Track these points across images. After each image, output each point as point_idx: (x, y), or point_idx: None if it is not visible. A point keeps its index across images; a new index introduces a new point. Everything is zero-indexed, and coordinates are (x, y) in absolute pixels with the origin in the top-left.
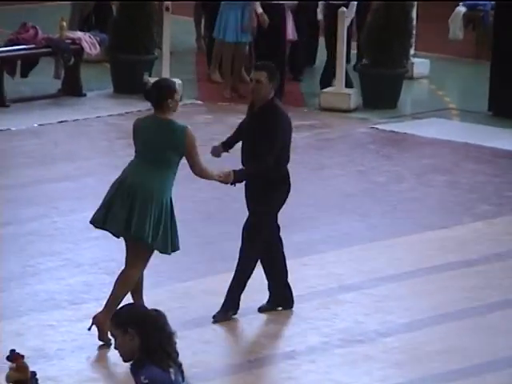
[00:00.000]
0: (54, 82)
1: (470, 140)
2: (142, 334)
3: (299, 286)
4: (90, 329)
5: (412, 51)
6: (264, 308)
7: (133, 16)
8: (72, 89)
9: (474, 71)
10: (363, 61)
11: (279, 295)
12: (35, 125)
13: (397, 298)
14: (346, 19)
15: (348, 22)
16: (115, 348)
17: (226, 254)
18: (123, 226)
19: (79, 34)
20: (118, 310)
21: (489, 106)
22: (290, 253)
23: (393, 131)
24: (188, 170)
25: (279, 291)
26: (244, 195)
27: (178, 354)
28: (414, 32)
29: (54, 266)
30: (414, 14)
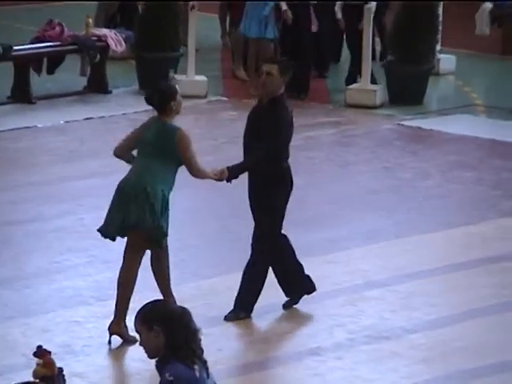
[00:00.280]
0: (80, 79)
1: (496, 136)
2: (167, 331)
3: (325, 283)
4: (110, 342)
5: (438, 47)
6: (288, 304)
7: (158, 13)
8: (98, 86)
9: (500, 67)
10: (389, 57)
11: (301, 287)
12: (61, 122)
13: (423, 294)
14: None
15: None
16: (140, 344)
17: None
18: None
19: (105, 31)
20: (143, 306)
21: None
22: (316, 250)
23: (419, 127)
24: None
25: (301, 284)
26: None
27: (202, 350)
28: (440, 28)
29: (81, 263)
30: (441, 10)
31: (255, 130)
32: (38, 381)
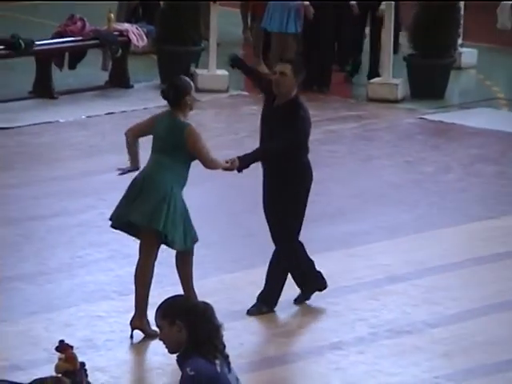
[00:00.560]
0: (102, 74)
1: None
2: (190, 325)
3: (347, 277)
4: (132, 337)
5: (460, 41)
6: (299, 300)
7: (179, 8)
8: (119, 80)
9: None
10: (410, 51)
11: (313, 283)
12: (83, 117)
13: (444, 288)
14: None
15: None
16: (160, 339)
17: (273, 246)
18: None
19: (126, 26)
20: (164, 301)
21: None
22: (338, 244)
23: (440, 121)
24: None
25: (313, 281)
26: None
27: (224, 346)
28: (461, 22)
29: (103, 258)
30: (462, 4)
31: (270, 135)
32: (60, 375)
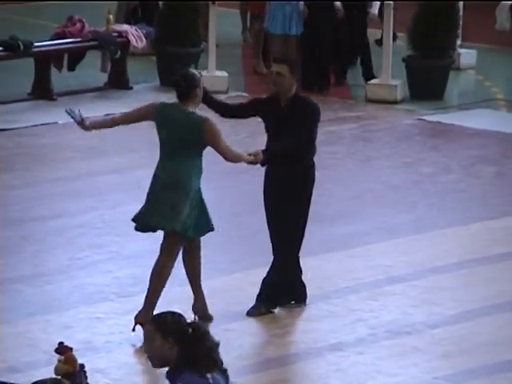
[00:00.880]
0: (101, 76)
1: None
2: (182, 344)
3: (346, 278)
4: (134, 329)
5: (459, 42)
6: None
7: (178, 9)
8: (118, 82)
9: None
10: (409, 52)
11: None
12: None
13: (444, 289)
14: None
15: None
16: (146, 352)
17: None
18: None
19: (125, 27)
20: (160, 315)
21: None
22: (337, 245)
23: (439, 122)
24: (231, 164)
25: (295, 289)
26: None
27: (222, 362)
28: (460, 22)
29: (102, 259)
30: (461, 5)
31: (279, 135)
32: (59, 377)
